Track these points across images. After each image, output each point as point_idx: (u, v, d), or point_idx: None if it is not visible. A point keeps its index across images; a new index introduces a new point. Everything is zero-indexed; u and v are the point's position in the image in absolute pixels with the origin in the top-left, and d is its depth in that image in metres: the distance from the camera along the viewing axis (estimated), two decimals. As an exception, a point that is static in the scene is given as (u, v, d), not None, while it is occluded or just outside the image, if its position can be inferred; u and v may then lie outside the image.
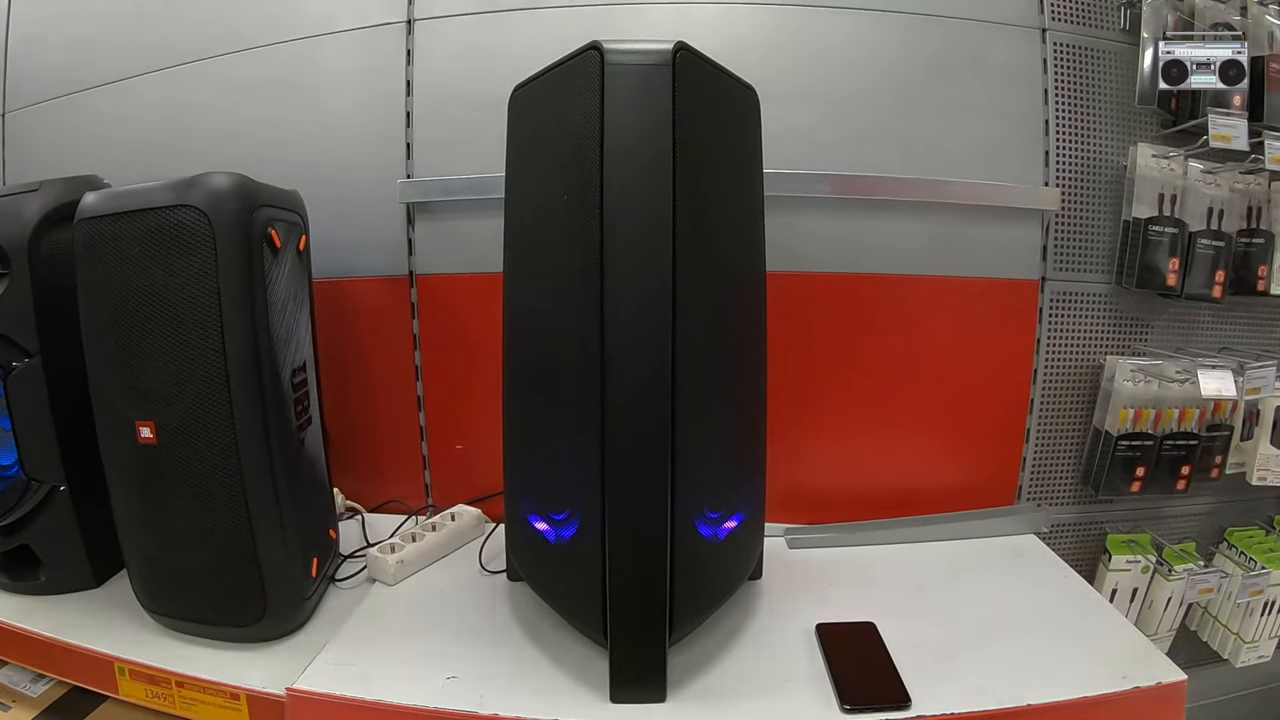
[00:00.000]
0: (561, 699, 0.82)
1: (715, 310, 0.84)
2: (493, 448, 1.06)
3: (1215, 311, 1.37)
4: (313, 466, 1.02)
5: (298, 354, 0.98)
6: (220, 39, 1.29)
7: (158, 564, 0.93)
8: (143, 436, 0.87)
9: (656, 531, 0.77)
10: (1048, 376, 1.31)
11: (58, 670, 0.98)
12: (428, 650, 0.91)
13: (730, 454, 0.92)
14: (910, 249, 1.24)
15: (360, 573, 1.09)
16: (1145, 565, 1.32)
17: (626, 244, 0.74)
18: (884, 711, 0.81)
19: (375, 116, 1.26)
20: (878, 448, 1.30)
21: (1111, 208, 1.29)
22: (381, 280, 1.29)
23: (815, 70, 1.21)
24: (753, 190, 0.95)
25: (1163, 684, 0.86)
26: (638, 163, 0.73)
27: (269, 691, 0.86)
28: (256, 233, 0.87)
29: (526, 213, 0.90)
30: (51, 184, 1.01)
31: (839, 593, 1.06)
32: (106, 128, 1.36)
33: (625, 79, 0.73)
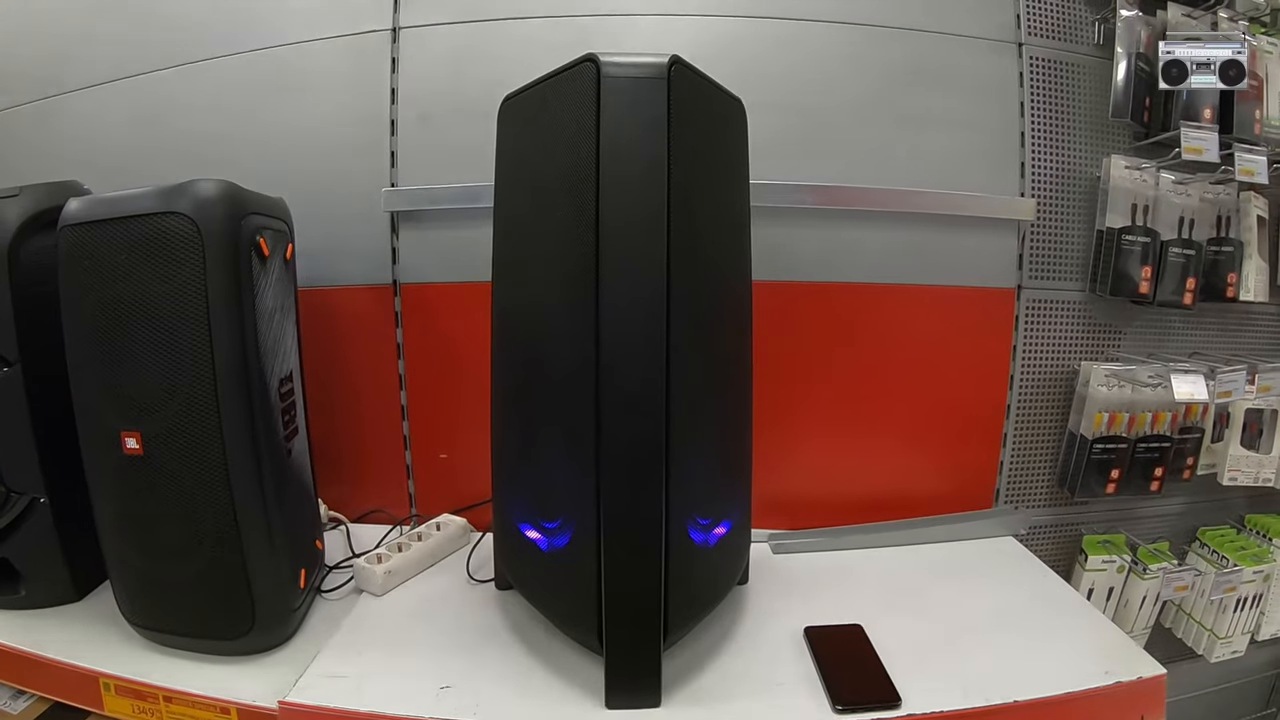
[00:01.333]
0: (557, 706, 0.82)
1: (706, 317, 0.85)
2: (477, 457, 1.06)
3: (1186, 318, 1.40)
4: (300, 477, 1.01)
5: (285, 363, 0.97)
6: (201, 44, 1.28)
7: (143, 576, 0.92)
8: (128, 448, 0.86)
9: (653, 538, 0.78)
10: (1024, 382, 1.34)
11: (40, 686, 0.96)
12: (420, 660, 0.91)
13: (719, 460, 0.93)
14: (889, 258, 1.27)
15: (347, 584, 1.08)
16: (1121, 565, 1.35)
17: (623, 250, 0.75)
18: (875, 710, 0.82)
19: (360, 124, 1.25)
20: (858, 453, 1.32)
21: (1085, 217, 1.32)
22: (365, 289, 1.28)
23: (795, 82, 1.23)
24: (740, 199, 0.96)
25: (1144, 678, 0.89)
26: (633, 171, 0.74)
27: (260, 705, 0.84)
28: (245, 241, 0.87)
29: (517, 220, 0.90)
30: (32, 189, 0.99)
31: (825, 596, 1.08)
32: (84, 133, 1.34)
33: (621, 91, 0.74)
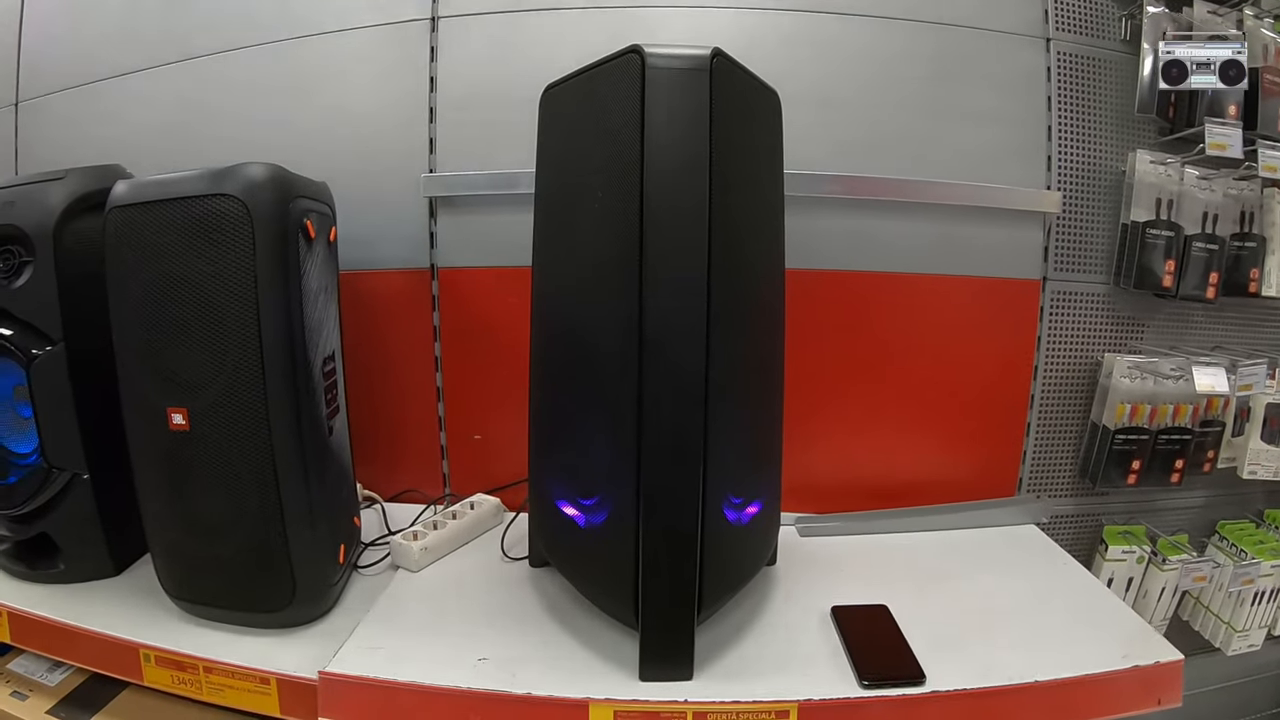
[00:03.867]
0: (592, 678, 0.84)
1: (743, 300, 0.87)
2: (510, 438, 1.08)
3: (1208, 312, 1.41)
4: (340, 455, 1.03)
5: (328, 344, 0.99)
6: (241, 33, 1.30)
7: (185, 550, 0.94)
8: (175, 423, 0.88)
9: (690, 516, 0.79)
10: (1048, 373, 1.35)
11: (79, 658, 0.98)
12: (456, 633, 0.93)
13: (752, 440, 0.95)
14: (916, 248, 1.28)
15: (383, 560, 1.11)
16: (1140, 555, 1.36)
17: (667, 235, 0.76)
18: (900, 687, 0.84)
19: (399, 111, 1.27)
20: (884, 440, 1.33)
21: (1110, 211, 1.33)
22: (403, 273, 1.30)
23: (825, 74, 1.24)
24: (776, 188, 0.98)
25: (1161, 663, 0.90)
26: (677, 159, 0.76)
27: (300, 675, 0.86)
28: (293, 223, 0.89)
29: (560, 207, 0.92)
30: (77, 172, 1.01)
31: (851, 578, 1.09)
32: (123, 119, 1.36)
33: (665, 81, 0.76)
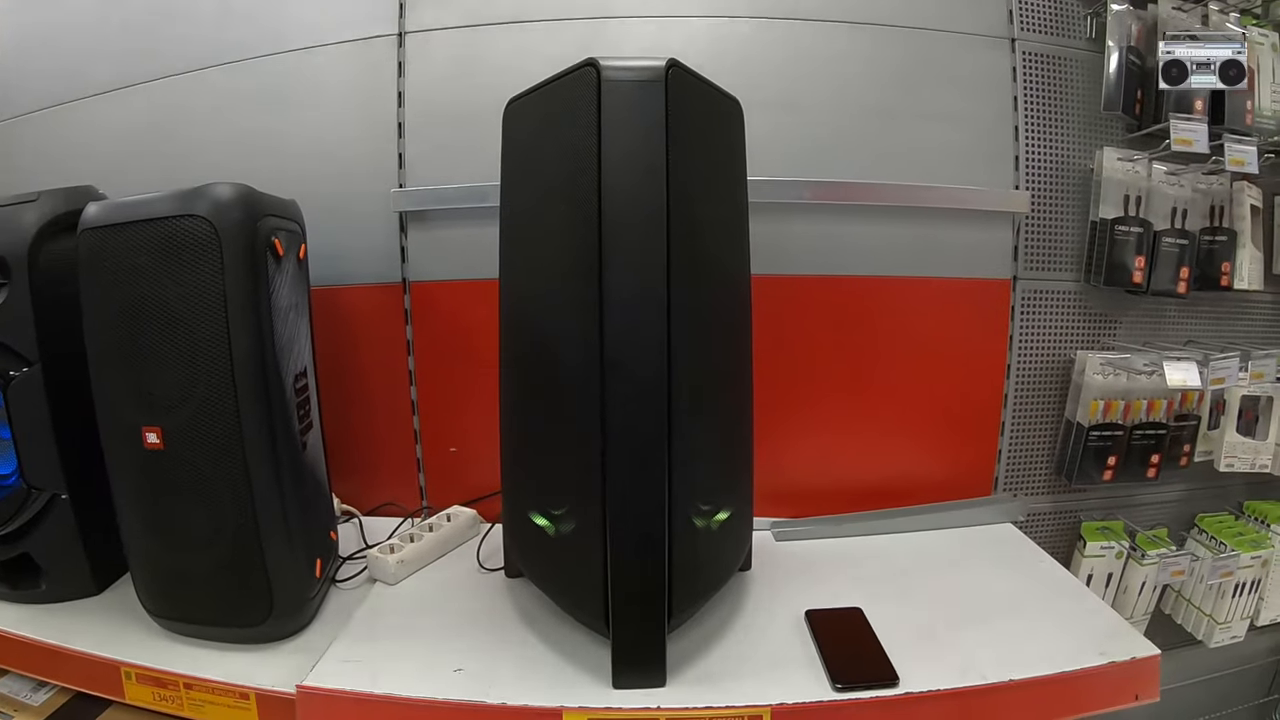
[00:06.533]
0: (566, 687, 0.85)
1: (706, 308, 0.88)
2: (485, 450, 1.09)
3: (1181, 306, 1.42)
4: (314, 469, 1.04)
5: (299, 360, 1.00)
6: (211, 51, 1.30)
7: (163, 566, 0.95)
8: (149, 442, 0.89)
9: (655, 523, 0.80)
10: (1020, 371, 1.36)
11: (62, 677, 0.98)
12: (433, 645, 0.94)
13: (721, 448, 0.96)
14: (886, 251, 1.29)
15: (360, 574, 1.11)
16: (1119, 551, 1.37)
17: (625, 248, 0.77)
18: (874, 689, 0.84)
19: (368, 127, 1.28)
20: (858, 443, 1.34)
21: (1079, 209, 1.34)
22: (375, 288, 1.31)
23: (792, 80, 1.26)
24: (738, 195, 0.99)
25: (1137, 658, 0.91)
26: (634, 170, 0.77)
27: (278, 690, 0.87)
28: (260, 241, 0.90)
29: (523, 219, 0.93)
30: (50, 194, 1.02)
31: (826, 581, 1.10)
32: (95, 139, 1.36)
33: (621, 94, 0.77)
